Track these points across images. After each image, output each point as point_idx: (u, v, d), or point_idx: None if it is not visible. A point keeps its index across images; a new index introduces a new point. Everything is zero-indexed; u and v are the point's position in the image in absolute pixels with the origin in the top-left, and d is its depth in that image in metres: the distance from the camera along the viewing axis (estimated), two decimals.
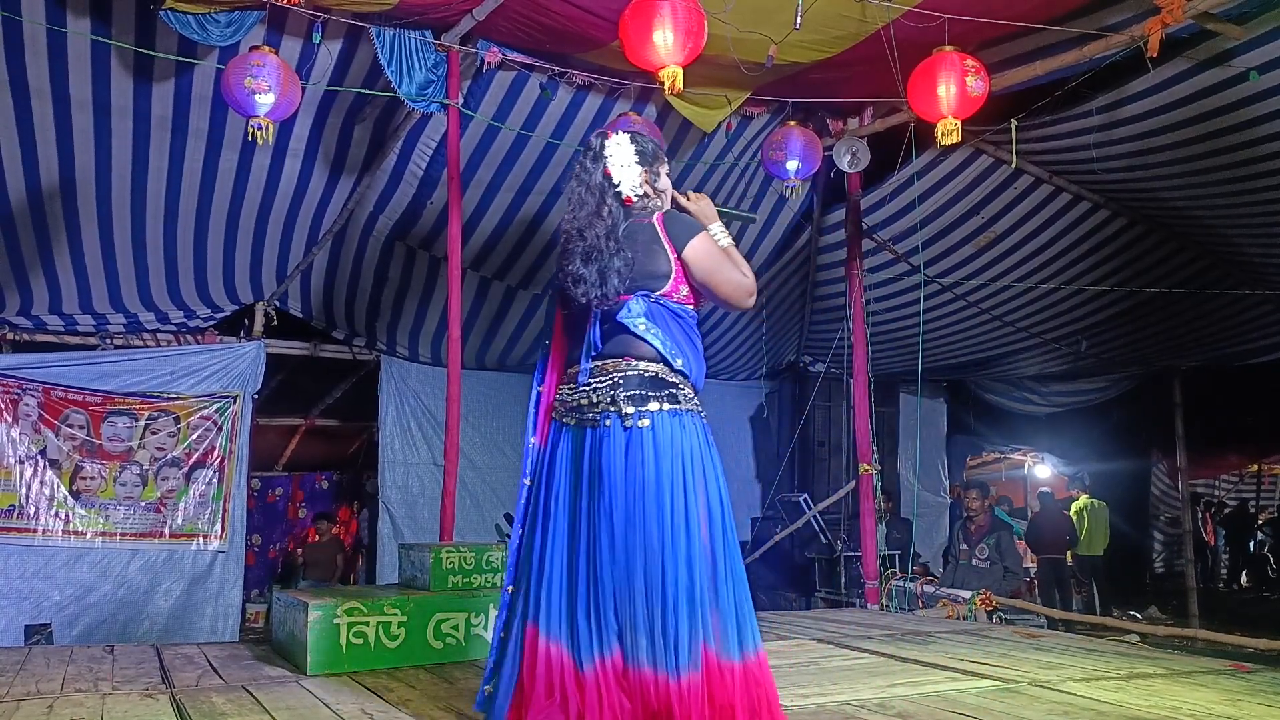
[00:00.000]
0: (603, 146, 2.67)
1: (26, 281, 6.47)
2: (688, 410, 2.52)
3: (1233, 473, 16.33)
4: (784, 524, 8.39)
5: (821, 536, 8.39)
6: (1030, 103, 5.68)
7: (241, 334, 7.48)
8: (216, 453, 7.13)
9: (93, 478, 6.76)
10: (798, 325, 9.20)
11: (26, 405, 6.60)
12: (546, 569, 2.49)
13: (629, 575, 2.37)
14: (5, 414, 6.54)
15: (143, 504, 6.88)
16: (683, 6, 4.29)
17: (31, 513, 6.54)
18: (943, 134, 4.93)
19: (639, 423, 2.47)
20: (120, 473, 6.85)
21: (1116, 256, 7.66)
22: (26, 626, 6.32)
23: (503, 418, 8.54)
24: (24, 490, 6.54)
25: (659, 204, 2.71)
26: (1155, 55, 4.68)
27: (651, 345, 2.53)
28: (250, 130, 4.67)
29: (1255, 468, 16.04)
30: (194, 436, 7.07)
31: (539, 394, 2.75)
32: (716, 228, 2.68)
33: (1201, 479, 15.12)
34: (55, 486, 6.64)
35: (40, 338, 6.89)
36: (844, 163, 6.33)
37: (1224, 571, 15.32)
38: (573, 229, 2.63)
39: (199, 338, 7.34)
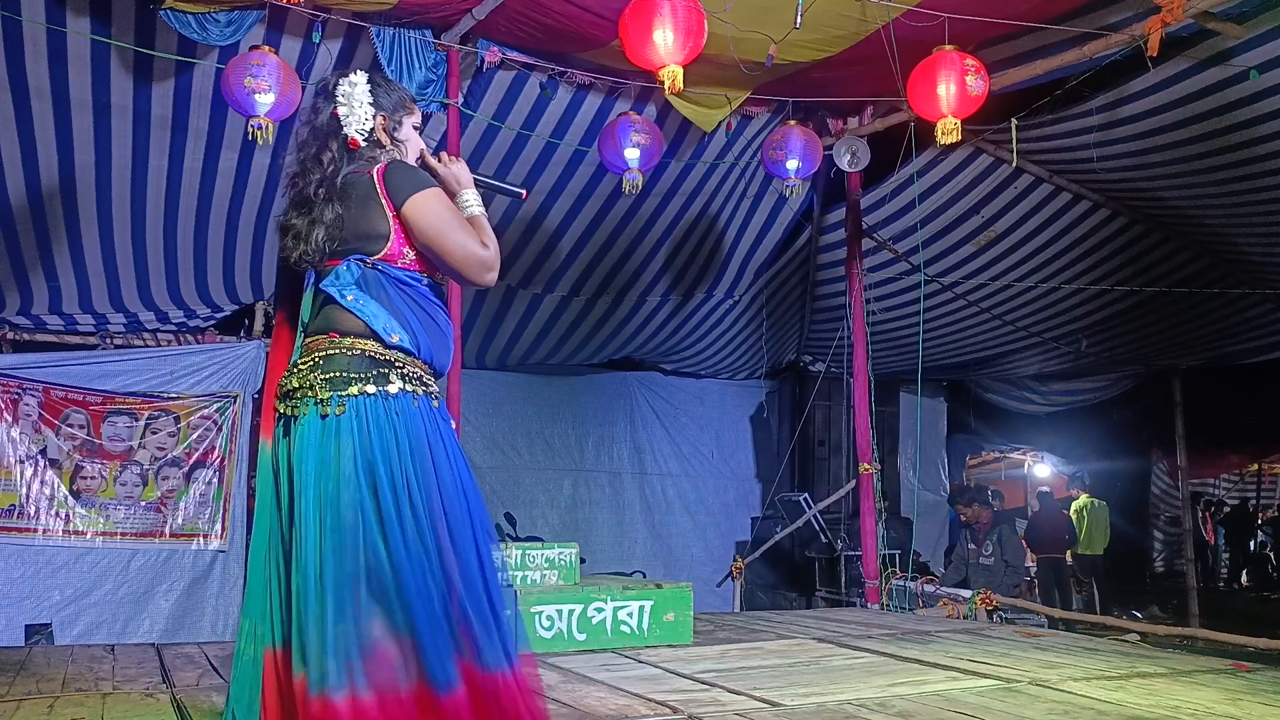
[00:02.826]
0: (335, 85, 2.32)
1: (26, 281, 6.47)
2: (407, 392, 2.14)
3: (1233, 472, 16.34)
4: (784, 523, 8.39)
5: (821, 536, 8.39)
6: (1030, 102, 5.68)
7: (241, 334, 7.47)
8: (217, 452, 7.12)
9: (93, 477, 6.76)
10: (798, 325, 9.20)
11: (27, 405, 6.59)
12: (273, 587, 2.15)
13: (319, 589, 2.01)
14: (5, 414, 6.53)
15: (143, 504, 6.87)
16: (683, 6, 4.29)
17: (32, 512, 6.54)
18: (943, 133, 4.94)
19: (337, 410, 2.09)
20: (120, 472, 6.84)
21: (1116, 256, 7.66)
22: (27, 626, 6.31)
23: (502, 417, 8.55)
24: (24, 490, 6.53)
25: (391, 154, 2.34)
26: (1155, 54, 4.69)
27: (359, 319, 2.15)
28: (250, 130, 4.67)
29: (1255, 467, 16.04)
30: (194, 436, 7.06)
31: (265, 381, 2.37)
32: (469, 195, 2.35)
33: (1202, 478, 15.12)
34: (55, 486, 6.63)
35: (40, 337, 6.88)
36: (844, 162, 6.33)
37: (1224, 571, 15.33)
38: (290, 172, 2.34)
39: (199, 337, 7.33)
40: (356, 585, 2.01)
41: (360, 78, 2.31)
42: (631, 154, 5.49)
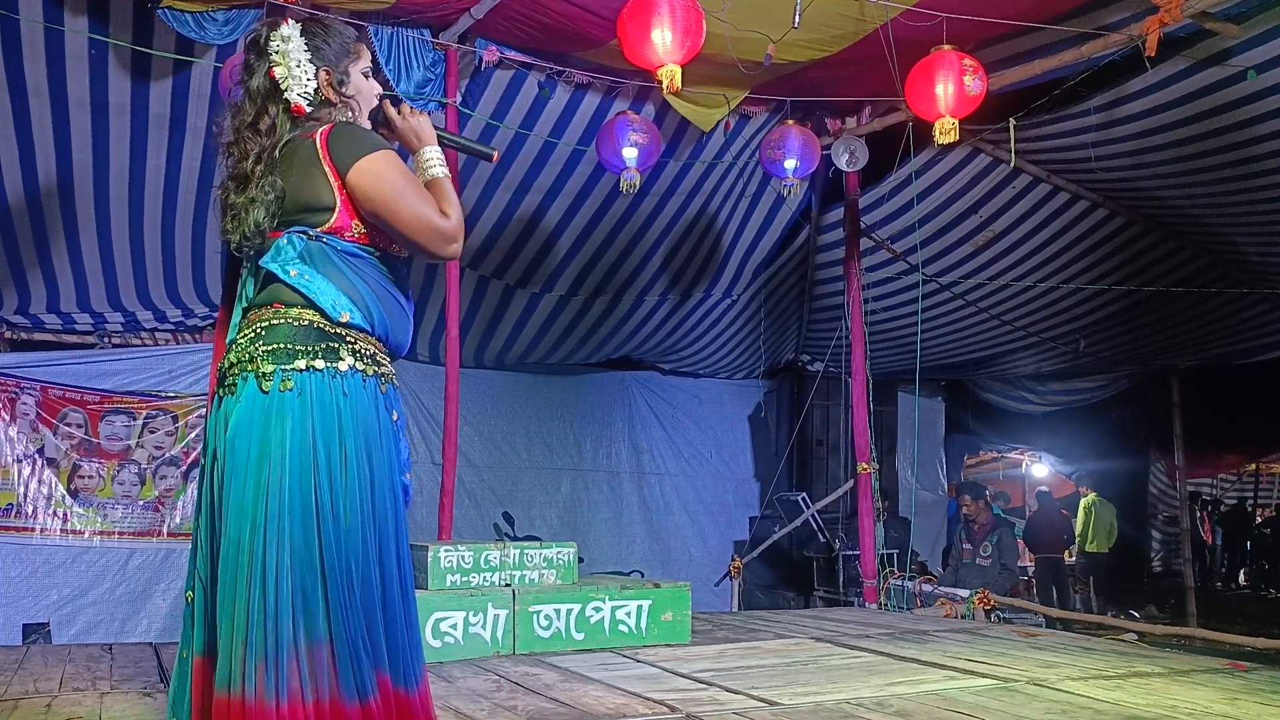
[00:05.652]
0: (268, 39, 2.06)
1: (24, 280, 6.46)
2: (358, 370, 1.98)
3: (1230, 472, 16.36)
4: (782, 523, 8.39)
5: (820, 535, 8.39)
6: (1028, 102, 5.69)
7: None
8: None
9: (91, 476, 6.76)
10: (796, 324, 9.20)
11: (24, 404, 6.59)
12: (198, 587, 2.02)
13: (245, 582, 1.87)
14: (3, 413, 6.53)
15: (141, 503, 6.87)
16: (681, 5, 4.29)
17: (29, 511, 6.54)
18: (941, 133, 4.94)
19: (281, 385, 1.92)
20: (118, 471, 6.84)
21: (1114, 255, 7.67)
22: (24, 625, 6.31)
23: (501, 417, 8.56)
24: (22, 489, 6.53)
25: (344, 115, 2.14)
26: (1153, 54, 4.69)
27: (305, 295, 1.97)
28: None
29: (1253, 467, 16.07)
30: (192, 435, 7.05)
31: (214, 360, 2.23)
32: (431, 153, 2.14)
33: (1199, 478, 15.14)
34: (53, 485, 6.63)
35: (38, 336, 6.87)
36: (842, 162, 6.33)
37: (1222, 570, 15.35)
38: (224, 141, 2.11)
39: (197, 336, 7.32)
40: (282, 582, 1.87)
41: (293, 30, 2.05)
42: (629, 153, 5.49)
